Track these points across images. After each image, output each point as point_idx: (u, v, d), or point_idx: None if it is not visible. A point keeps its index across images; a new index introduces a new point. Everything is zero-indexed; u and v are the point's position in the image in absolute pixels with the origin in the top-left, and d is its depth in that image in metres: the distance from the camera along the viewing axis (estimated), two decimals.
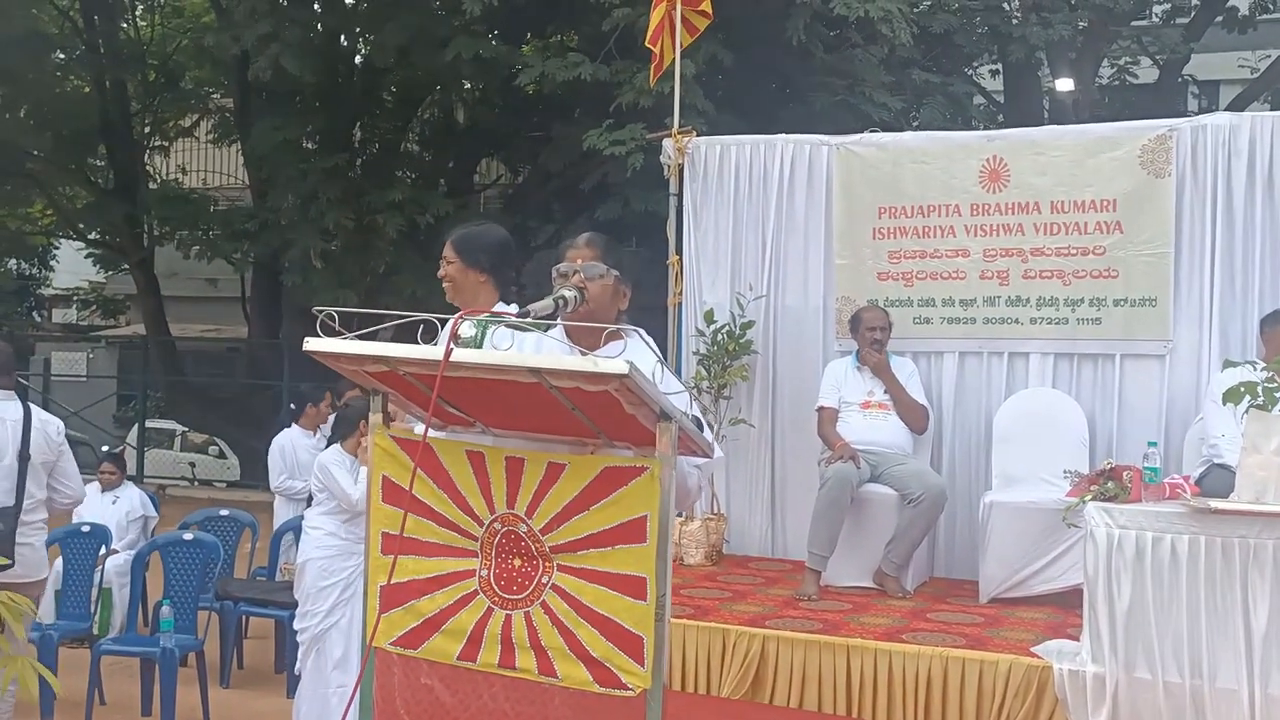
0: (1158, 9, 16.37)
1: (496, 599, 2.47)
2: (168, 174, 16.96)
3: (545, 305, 2.53)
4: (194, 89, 16.03)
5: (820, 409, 5.89)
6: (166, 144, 16.54)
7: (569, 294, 2.59)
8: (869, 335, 5.88)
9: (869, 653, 4.55)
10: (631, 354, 2.48)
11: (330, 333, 2.38)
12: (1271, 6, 17.49)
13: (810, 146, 6.35)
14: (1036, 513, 5.30)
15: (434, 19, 10.73)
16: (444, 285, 3.79)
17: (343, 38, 13.65)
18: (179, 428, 18.77)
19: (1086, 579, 4.39)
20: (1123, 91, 16.73)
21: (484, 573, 2.49)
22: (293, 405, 8.27)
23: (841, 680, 4.56)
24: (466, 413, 2.60)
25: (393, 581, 2.51)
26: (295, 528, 7.27)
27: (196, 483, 16.53)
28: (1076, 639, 4.52)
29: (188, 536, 6.23)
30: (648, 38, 6.84)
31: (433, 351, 2.27)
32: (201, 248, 14.22)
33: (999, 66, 14.93)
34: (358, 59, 14.08)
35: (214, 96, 16.53)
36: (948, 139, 6.33)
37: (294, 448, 7.75)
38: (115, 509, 7.54)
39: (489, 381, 2.38)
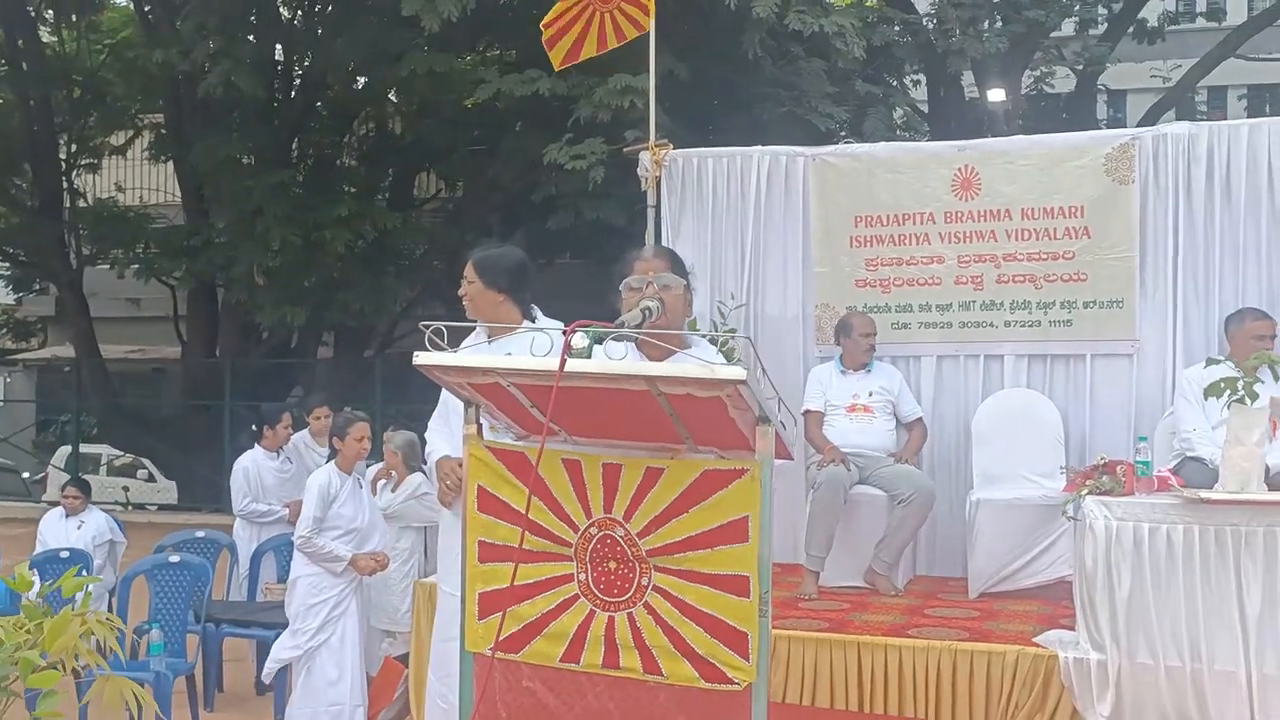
0: (1068, 22, 16.96)
1: (598, 601, 2.54)
2: (102, 192, 16.58)
3: (634, 316, 2.62)
4: (123, 106, 15.70)
5: (806, 412, 6.02)
6: (95, 161, 16.18)
7: (653, 305, 2.68)
8: (863, 341, 6.03)
9: (879, 648, 4.68)
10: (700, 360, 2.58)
11: (434, 346, 2.44)
12: (1179, 19, 18.25)
13: (786, 158, 6.49)
14: (1022, 509, 5.51)
15: (387, 34, 10.70)
16: (463, 303, 3.91)
17: (279, 50, 13.52)
18: (105, 451, 18.37)
19: (1084, 570, 4.56)
20: (1038, 100, 17.31)
21: (582, 577, 2.56)
22: (254, 426, 8.15)
23: (853, 676, 4.68)
24: (553, 420, 2.66)
25: (492, 588, 2.57)
26: (275, 547, 7.24)
27: (130, 507, 16.17)
28: (1070, 629, 4.70)
29: (174, 559, 6.16)
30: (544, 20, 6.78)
31: (547, 363, 2.34)
32: (141, 267, 13.95)
33: (920, 77, 15.37)
34: (296, 74, 13.96)
35: (142, 113, 16.21)
36: (919, 149, 6.55)
37: (258, 470, 7.66)
38: (81, 534, 7.41)
39: (585, 390, 2.46)
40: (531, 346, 2.35)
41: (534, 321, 3.86)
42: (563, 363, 2.31)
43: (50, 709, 2.40)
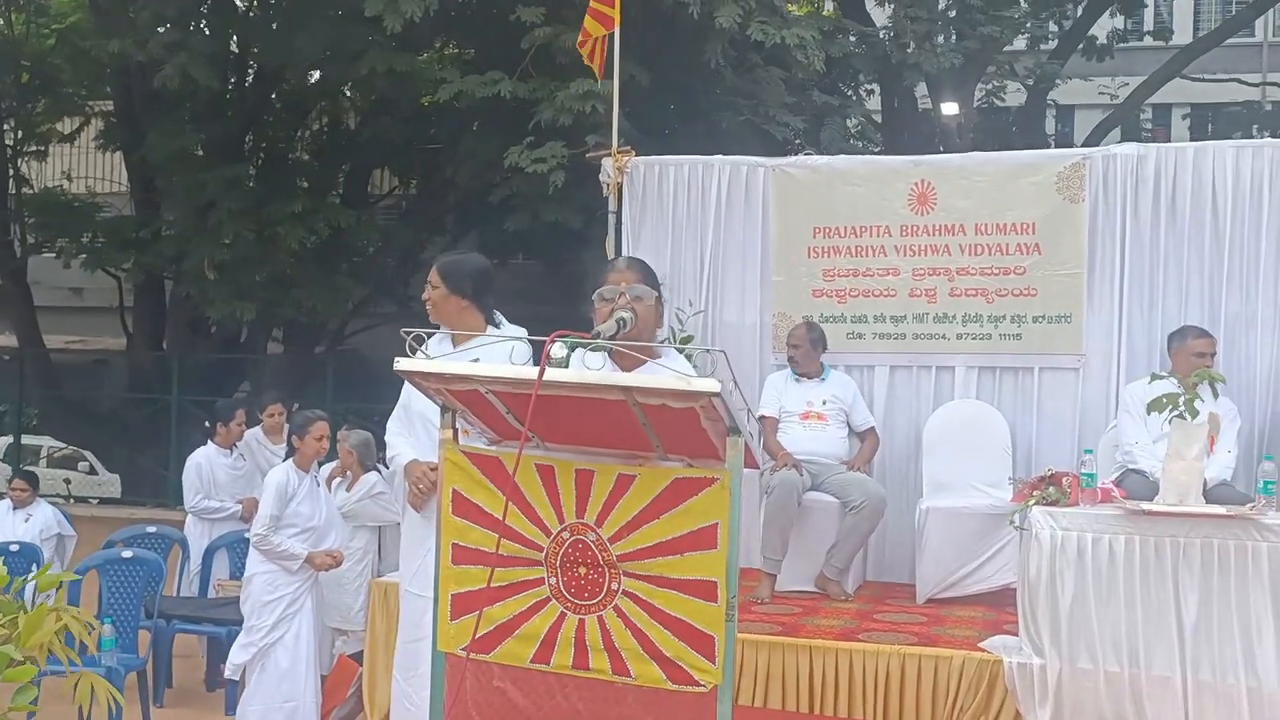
0: (1019, 37, 17.28)
1: (569, 604, 2.61)
2: (49, 180, 16.30)
3: (609, 327, 2.69)
4: (72, 93, 15.46)
5: (762, 418, 6.12)
6: (42, 149, 15.91)
7: (627, 316, 2.76)
8: (788, 350, 6.19)
9: (830, 652, 4.79)
10: (671, 371, 2.66)
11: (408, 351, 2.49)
12: (1127, 38, 18.65)
13: (747, 168, 6.60)
14: (970, 517, 5.66)
15: (347, 31, 10.67)
16: (426, 307, 3.92)
17: (234, 42, 13.41)
18: (45, 443, 18.07)
19: (1028, 578, 4.71)
20: (989, 114, 17.61)
21: (553, 580, 2.63)
22: (207, 423, 8.10)
23: (804, 679, 4.79)
24: (528, 427, 2.72)
25: (465, 590, 2.62)
26: (228, 544, 7.22)
27: (72, 500, 15.94)
28: (1014, 635, 4.84)
29: (127, 554, 6.13)
30: (579, 40, 6.95)
31: (527, 372, 2.40)
32: (89, 257, 13.76)
33: (874, 87, 15.58)
34: (251, 67, 13.85)
35: (91, 101, 15.95)
36: (877, 163, 6.68)
37: (210, 466, 7.63)
38: (28, 527, 7.35)
39: (561, 398, 2.52)
40: (511, 355, 2.41)
41: (498, 328, 3.92)
42: (542, 371, 2.37)
43: (24, 704, 2.43)
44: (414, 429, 3.78)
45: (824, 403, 6.11)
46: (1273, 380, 5.91)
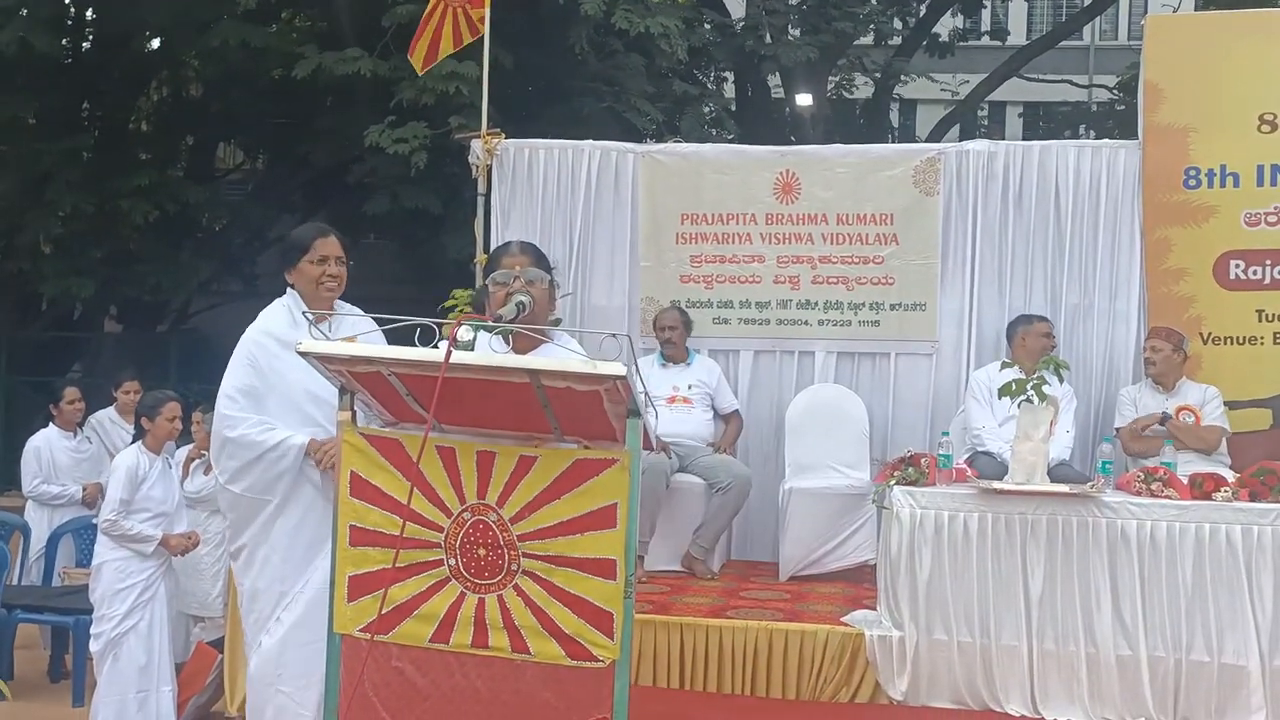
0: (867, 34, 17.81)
1: (468, 584, 2.63)
2: None
3: (510, 310, 2.72)
4: None
5: None
6: None
7: (525, 299, 2.79)
8: (659, 335, 6.31)
9: (700, 629, 4.92)
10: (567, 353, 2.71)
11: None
12: (967, 36, 19.41)
13: (616, 153, 6.68)
14: (831, 497, 5.87)
15: (197, 1, 10.29)
16: (330, 283, 3.78)
17: (71, 7, 12.77)
18: None
19: (889, 554, 4.92)
20: (839, 106, 18.13)
21: (452, 561, 2.65)
22: (51, 405, 7.72)
23: (676, 655, 4.91)
24: (426, 409, 2.73)
25: (363, 571, 2.62)
26: (73, 530, 6.94)
27: None
28: (872, 609, 5.06)
29: None
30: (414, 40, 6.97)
31: (433, 354, 2.41)
32: None
33: (728, 76, 15.89)
34: (89, 32, 13.22)
35: None
36: (744, 152, 6.82)
37: (51, 449, 7.29)
38: None
39: (463, 380, 2.54)
40: (416, 338, 2.42)
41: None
42: (449, 354, 2.39)
43: None
44: (266, 408, 3.53)
45: (689, 386, 6.25)
46: (1107, 366, 6.31)
